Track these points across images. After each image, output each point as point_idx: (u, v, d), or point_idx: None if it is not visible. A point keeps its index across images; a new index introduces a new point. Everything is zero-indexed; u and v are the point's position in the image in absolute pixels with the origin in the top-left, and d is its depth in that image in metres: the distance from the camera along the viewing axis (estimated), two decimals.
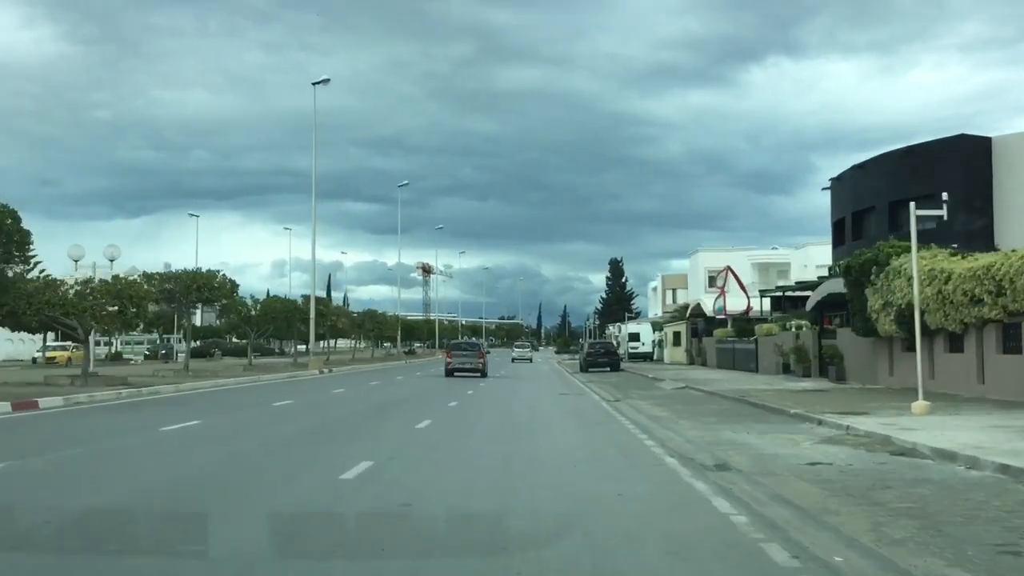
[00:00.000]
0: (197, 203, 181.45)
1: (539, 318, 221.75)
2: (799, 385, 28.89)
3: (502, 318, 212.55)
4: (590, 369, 51.78)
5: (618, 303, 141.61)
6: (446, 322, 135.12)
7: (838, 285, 30.55)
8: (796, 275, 71.62)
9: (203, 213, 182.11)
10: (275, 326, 43.87)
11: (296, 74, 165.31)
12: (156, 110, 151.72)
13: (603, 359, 52.27)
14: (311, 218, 43.60)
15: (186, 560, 6.04)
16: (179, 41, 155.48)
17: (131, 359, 58.91)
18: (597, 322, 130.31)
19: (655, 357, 73.15)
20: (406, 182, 77.45)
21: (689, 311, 62.37)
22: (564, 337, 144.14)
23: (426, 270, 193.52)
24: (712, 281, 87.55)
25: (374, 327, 62.87)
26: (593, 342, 58.37)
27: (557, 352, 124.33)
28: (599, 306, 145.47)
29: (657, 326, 76.00)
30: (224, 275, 32.20)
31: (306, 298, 45.59)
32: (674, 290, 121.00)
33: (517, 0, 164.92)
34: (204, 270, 31.85)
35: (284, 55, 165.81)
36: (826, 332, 35.38)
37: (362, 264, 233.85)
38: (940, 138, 41.62)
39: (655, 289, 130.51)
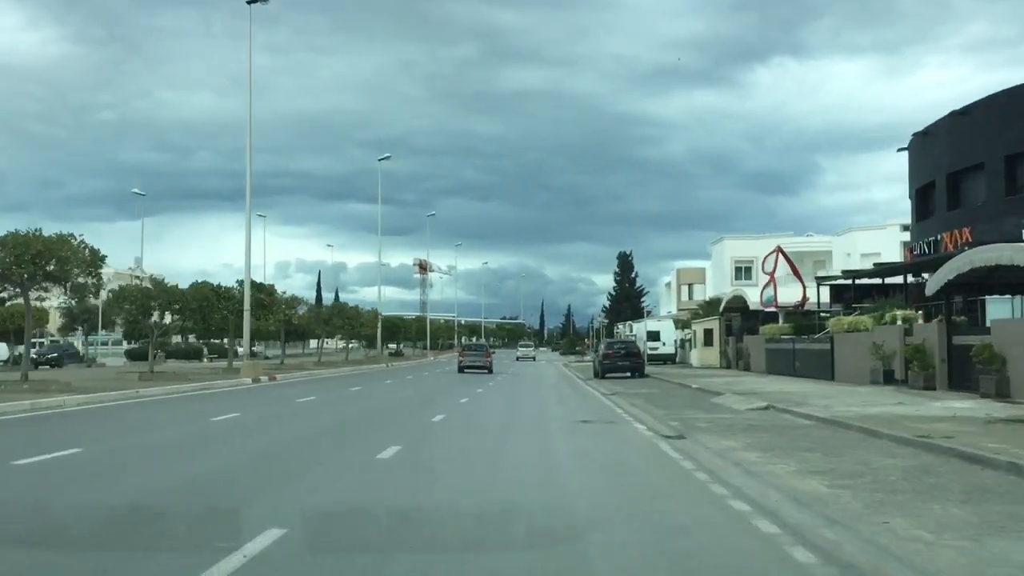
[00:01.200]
0: (201, 205, 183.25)
1: (542, 318, 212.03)
2: (959, 405, 18.37)
3: (504, 318, 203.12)
4: (608, 375, 41.39)
5: (627, 300, 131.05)
6: (442, 321, 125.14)
7: (1007, 254, 20.04)
8: (839, 264, 61.41)
9: (207, 215, 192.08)
10: (186, 318, 33.30)
11: (302, 76, 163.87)
12: (161, 112, 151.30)
13: (624, 362, 41.83)
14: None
15: None
16: (184, 43, 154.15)
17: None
18: (606, 321, 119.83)
19: (677, 359, 62.72)
20: (388, 155, 66.88)
21: (724, 305, 51.88)
22: (569, 337, 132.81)
23: (423, 267, 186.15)
24: (740, 272, 77.37)
25: (344, 323, 52.16)
26: (611, 341, 47.85)
27: (562, 353, 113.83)
28: (607, 303, 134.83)
29: (680, 324, 65.48)
30: (83, 240, 21.76)
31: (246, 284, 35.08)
32: (690, 285, 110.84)
33: (521, 1, 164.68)
34: (54, 235, 21.17)
35: (290, 57, 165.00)
36: (953, 326, 24.95)
37: (366, 265, 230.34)
38: None
39: (668, 285, 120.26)
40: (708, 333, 52.31)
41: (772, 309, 42.48)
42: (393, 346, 79.98)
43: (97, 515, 7.55)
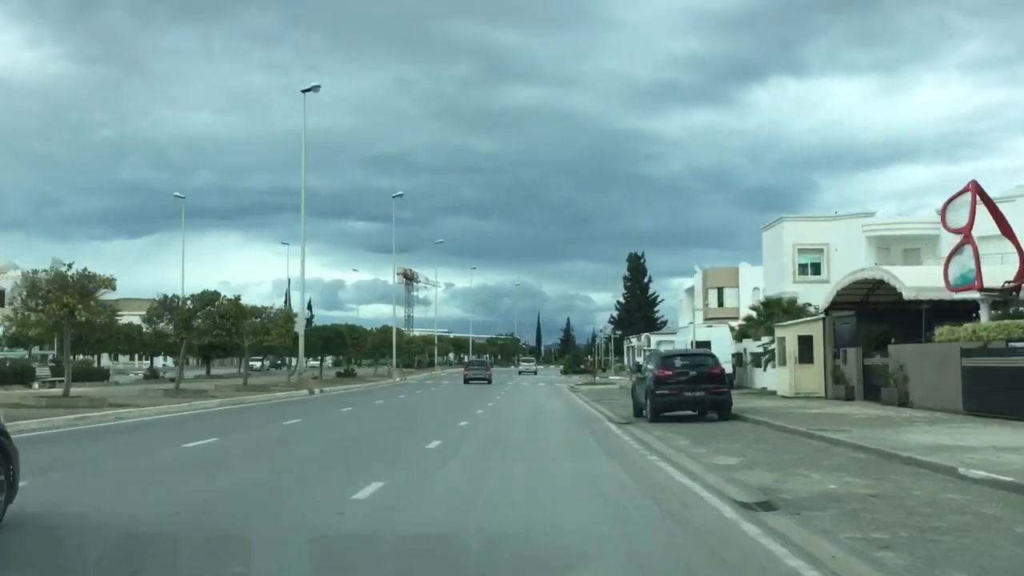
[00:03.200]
0: (199, 223, 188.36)
1: (538, 333, 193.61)
2: None
3: (499, 335, 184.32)
4: (665, 414, 22.42)
5: (640, 310, 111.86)
6: (413, 333, 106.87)
7: None
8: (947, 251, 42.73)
9: (205, 233, 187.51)
10: None
11: (301, 95, 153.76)
12: (159, 130, 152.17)
13: (695, 392, 22.69)
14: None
15: None
16: (184, 62, 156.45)
17: None
18: (616, 333, 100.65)
19: (736, 382, 43.47)
20: (316, 86, 47.60)
21: (831, 297, 32.60)
22: (572, 354, 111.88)
23: (408, 277, 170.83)
24: (807, 268, 58.31)
25: (214, 326, 31.86)
26: (671, 354, 26.81)
27: (564, 372, 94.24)
28: (615, 314, 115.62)
29: (736, 333, 46.33)
30: None
31: None
32: (720, 289, 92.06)
33: (521, 20, 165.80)
34: None
35: (289, 75, 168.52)
36: None
37: (363, 283, 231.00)
38: None
39: (690, 290, 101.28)
40: (806, 343, 32.96)
41: (971, 294, 23.30)
42: (319, 362, 59.64)
43: None
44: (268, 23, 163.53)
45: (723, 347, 44.62)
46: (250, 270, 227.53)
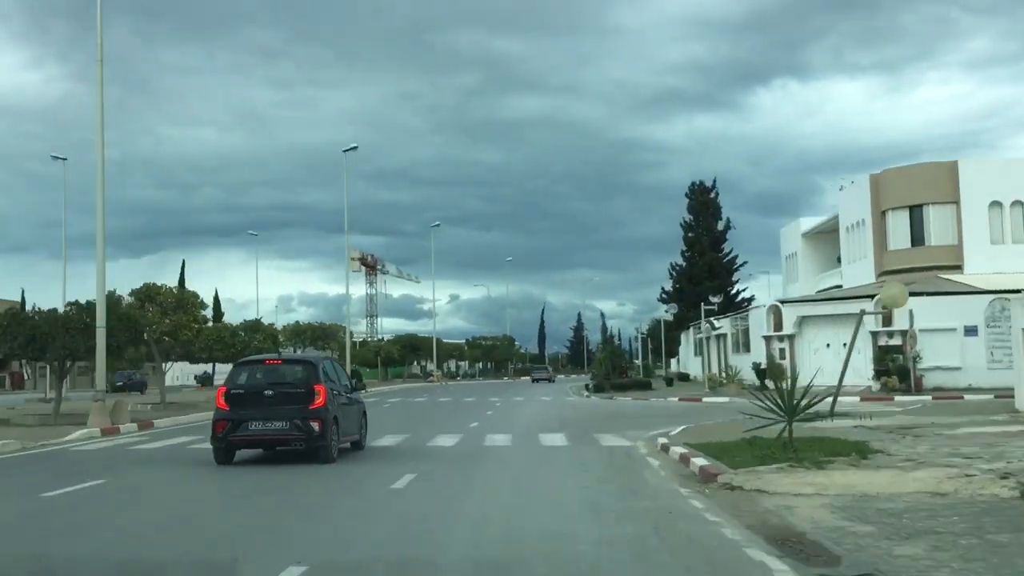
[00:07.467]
0: (203, 241, 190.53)
1: (541, 331, 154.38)
2: None
3: (483, 337, 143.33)
4: None
5: (712, 275, 68.18)
6: (376, 337, 65.96)
7: None
8: None
9: (208, 251, 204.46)
10: None
11: (305, 109, 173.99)
12: (163, 148, 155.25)
13: None
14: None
15: None
16: (187, 79, 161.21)
17: None
18: (717, 306, 55.61)
19: None
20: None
21: None
22: (609, 350, 65.00)
23: (368, 264, 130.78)
24: None
25: None
26: None
27: (596, 388, 49.08)
28: (669, 285, 72.20)
29: None
30: None
31: None
32: (916, 209, 49.43)
33: (524, 29, 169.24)
34: None
35: (293, 91, 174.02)
36: None
37: (365, 298, 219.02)
38: None
39: (814, 235, 58.28)
40: None
41: None
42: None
43: None
44: (271, 38, 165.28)
45: None
46: (254, 287, 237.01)
